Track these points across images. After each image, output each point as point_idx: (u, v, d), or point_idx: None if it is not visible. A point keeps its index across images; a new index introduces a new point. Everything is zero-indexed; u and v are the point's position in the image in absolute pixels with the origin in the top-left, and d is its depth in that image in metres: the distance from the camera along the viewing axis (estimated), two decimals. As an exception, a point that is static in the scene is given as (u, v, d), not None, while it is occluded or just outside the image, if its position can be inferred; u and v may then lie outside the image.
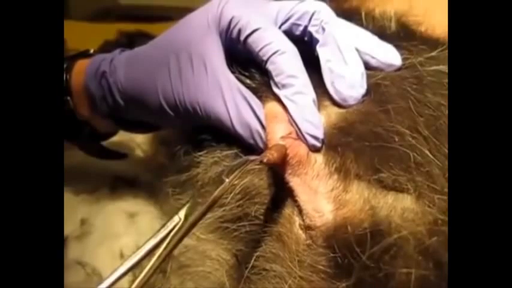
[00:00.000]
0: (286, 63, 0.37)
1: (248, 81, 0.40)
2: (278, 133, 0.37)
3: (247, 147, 0.38)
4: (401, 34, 0.43)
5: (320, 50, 0.39)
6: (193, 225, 0.33)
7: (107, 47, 0.48)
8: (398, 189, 0.34)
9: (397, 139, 0.35)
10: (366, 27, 0.41)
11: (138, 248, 0.32)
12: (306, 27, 0.40)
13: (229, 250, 0.38)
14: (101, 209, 0.50)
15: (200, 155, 0.40)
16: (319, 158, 0.36)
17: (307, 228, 0.35)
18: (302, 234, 0.36)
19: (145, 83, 0.42)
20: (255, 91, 0.39)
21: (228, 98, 0.38)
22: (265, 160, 0.35)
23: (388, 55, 0.39)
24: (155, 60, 0.41)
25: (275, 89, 0.38)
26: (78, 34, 0.56)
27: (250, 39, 0.38)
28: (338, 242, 0.34)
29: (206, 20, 0.40)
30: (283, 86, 0.37)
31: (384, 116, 0.36)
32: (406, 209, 0.34)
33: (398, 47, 0.40)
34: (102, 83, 0.44)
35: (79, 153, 0.55)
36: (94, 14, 1.14)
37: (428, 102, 0.36)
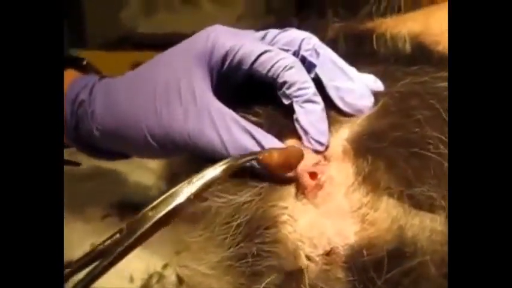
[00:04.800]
0: (295, 75, 0.38)
1: (254, 118, 0.40)
2: (306, 162, 0.37)
3: None
4: (417, 55, 0.44)
5: (320, 72, 0.40)
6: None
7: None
8: (428, 205, 0.33)
9: (431, 147, 0.34)
10: (379, 50, 0.43)
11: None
12: (296, 52, 0.41)
13: (231, 283, 0.37)
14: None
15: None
16: (349, 171, 0.36)
17: (325, 254, 0.34)
18: (311, 265, 0.35)
19: (128, 117, 0.40)
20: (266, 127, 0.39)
21: (220, 124, 0.37)
22: (260, 157, 0.35)
23: (372, 84, 0.40)
24: (140, 93, 0.40)
25: (285, 101, 0.39)
26: (95, 63, 0.56)
27: (257, 64, 0.39)
28: (357, 264, 0.33)
29: (191, 56, 0.40)
30: (295, 96, 0.38)
31: (413, 124, 0.36)
32: (434, 230, 0.33)
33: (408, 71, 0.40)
34: (80, 112, 0.43)
35: (88, 182, 0.57)
36: (111, 42, 1.15)
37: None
